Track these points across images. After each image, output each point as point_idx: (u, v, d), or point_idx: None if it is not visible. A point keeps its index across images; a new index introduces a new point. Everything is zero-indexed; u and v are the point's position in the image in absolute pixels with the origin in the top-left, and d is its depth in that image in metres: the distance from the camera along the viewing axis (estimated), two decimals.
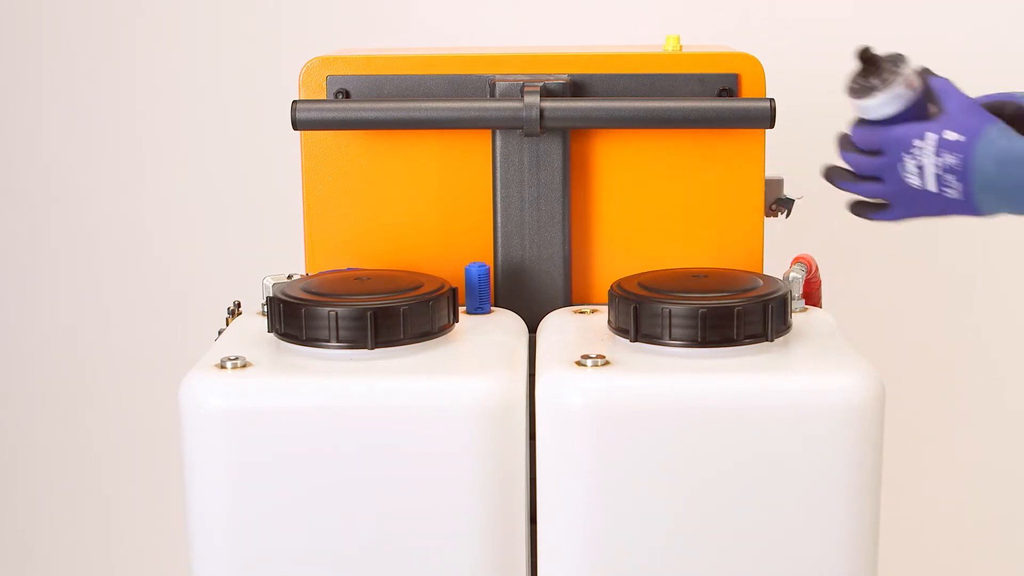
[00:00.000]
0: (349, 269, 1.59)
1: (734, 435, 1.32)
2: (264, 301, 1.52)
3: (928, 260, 2.47)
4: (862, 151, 1.40)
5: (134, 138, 2.50)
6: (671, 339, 1.38)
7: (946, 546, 2.56)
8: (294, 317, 1.40)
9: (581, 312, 1.57)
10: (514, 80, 1.58)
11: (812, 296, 1.60)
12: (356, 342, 1.38)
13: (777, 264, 1.64)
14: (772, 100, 1.55)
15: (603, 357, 1.36)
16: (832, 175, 1.44)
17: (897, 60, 1.39)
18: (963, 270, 2.47)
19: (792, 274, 1.53)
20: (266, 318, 1.46)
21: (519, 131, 1.58)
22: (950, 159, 1.33)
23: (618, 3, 2.41)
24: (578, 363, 1.36)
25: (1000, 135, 1.32)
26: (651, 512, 1.34)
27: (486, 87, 1.60)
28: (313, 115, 1.56)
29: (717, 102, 1.56)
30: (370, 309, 1.38)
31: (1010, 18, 2.32)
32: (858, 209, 1.44)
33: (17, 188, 2.54)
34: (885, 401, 1.35)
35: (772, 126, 1.56)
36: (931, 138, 1.34)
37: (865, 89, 1.40)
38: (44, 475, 2.64)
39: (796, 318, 1.51)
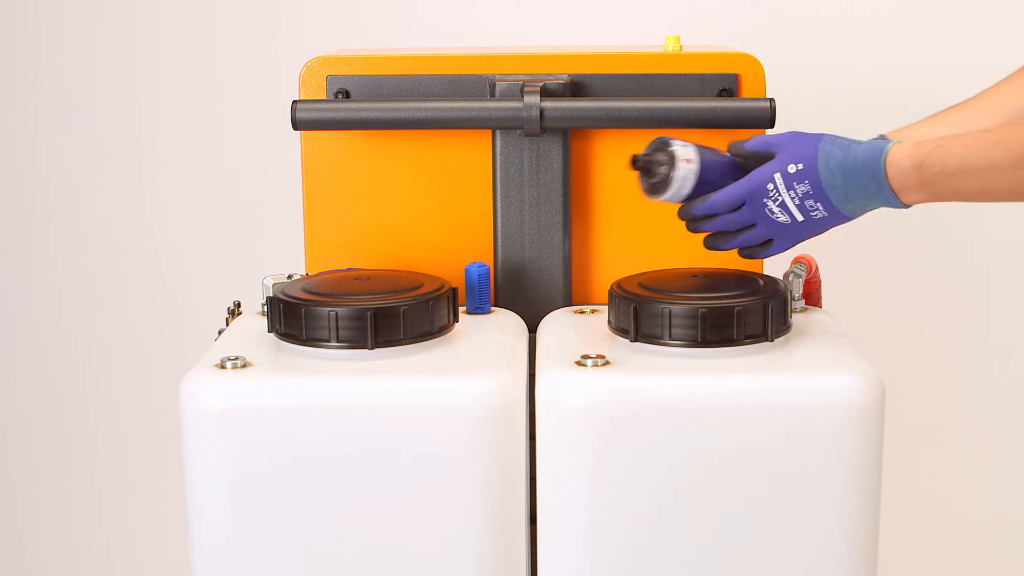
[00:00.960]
0: (349, 269, 1.59)
1: (734, 435, 1.32)
2: (264, 301, 1.52)
3: (928, 260, 2.47)
4: (724, 212, 1.47)
5: (134, 138, 2.50)
6: (671, 339, 1.38)
7: (946, 546, 2.56)
8: (294, 317, 1.40)
9: (581, 312, 1.57)
10: (514, 80, 1.58)
11: (812, 296, 1.60)
12: (356, 342, 1.38)
13: (777, 264, 1.64)
14: (772, 100, 1.55)
15: (603, 357, 1.36)
16: (712, 243, 1.51)
17: (662, 147, 1.46)
18: (963, 270, 2.47)
19: (792, 274, 1.53)
20: (266, 318, 1.46)
21: (519, 131, 1.58)
22: (802, 188, 1.43)
23: (618, 3, 2.41)
24: (578, 363, 1.35)
25: (833, 146, 1.42)
26: (651, 512, 1.34)
27: (486, 87, 1.60)
28: (313, 115, 1.56)
29: (717, 102, 1.56)
30: (370, 309, 1.38)
31: (1009, 17, 2.32)
32: (747, 252, 1.50)
33: (17, 188, 2.54)
34: (885, 401, 1.35)
35: (772, 126, 1.56)
36: (778, 177, 1.43)
37: (655, 187, 1.47)
38: (44, 475, 2.64)
39: (796, 318, 1.51)
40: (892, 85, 2.33)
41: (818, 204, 1.43)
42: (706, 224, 1.48)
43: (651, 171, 1.47)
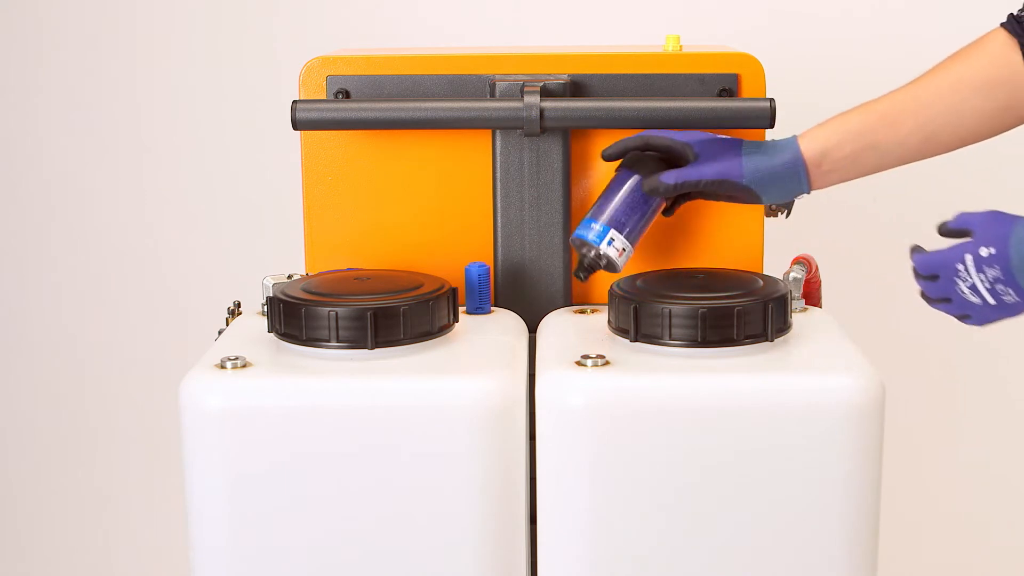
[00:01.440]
0: (349, 269, 1.59)
1: (734, 435, 1.32)
2: (264, 301, 1.52)
3: None
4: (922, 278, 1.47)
5: (134, 138, 2.50)
6: (671, 339, 1.38)
7: (946, 546, 2.56)
8: (294, 317, 1.40)
9: (581, 312, 1.57)
10: (514, 80, 1.58)
11: (812, 296, 1.60)
12: (356, 342, 1.38)
13: (777, 264, 1.64)
14: (772, 100, 1.55)
15: (603, 357, 1.36)
16: (926, 300, 1.49)
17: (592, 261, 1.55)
18: None
19: (792, 274, 1.53)
20: (266, 318, 1.46)
21: (519, 131, 1.58)
22: (992, 272, 1.39)
23: (618, 3, 2.41)
24: (578, 363, 1.35)
25: None
26: (651, 512, 1.34)
27: (486, 87, 1.60)
28: (313, 115, 1.56)
29: (717, 102, 1.56)
30: (370, 309, 1.38)
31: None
32: (960, 320, 1.49)
33: (17, 188, 2.54)
34: (885, 401, 1.35)
35: (772, 126, 1.56)
36: (969, 259, 1.39)
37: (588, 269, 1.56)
38: (44, 475, 2.64)
39: (796, 318, 1.51)
40: (892, 85, 2.33)
41: (1009, 289, 1.38)
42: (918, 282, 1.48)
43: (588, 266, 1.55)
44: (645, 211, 1.52)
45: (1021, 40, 1.48)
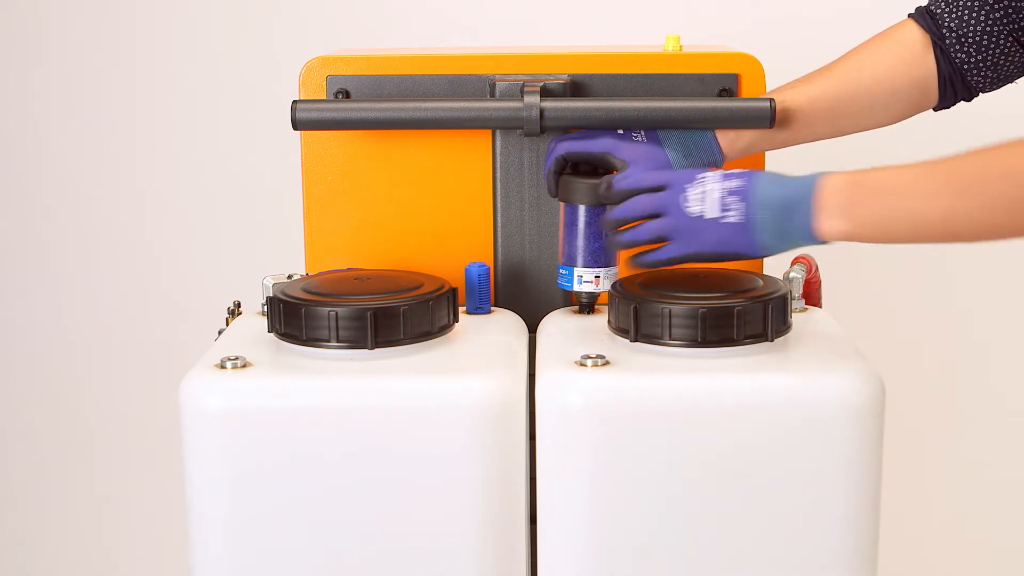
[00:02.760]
0: (349, 269, 1.59)
1: (734, 435, 1.32)
2: (264, 301, 1.52)
3: (928, 260, 2.47)
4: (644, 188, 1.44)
5: (133, 138, 2.50)
6: (671, 339, 1.38)
7: (946, 546, 2.56)
8: (294, 317, 1.40)
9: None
10: (514, 80, 1.58)
11: (812, 296, 1.60)
12: (356, 342, 1.38)
13: (777, 264, 1.64)
14: (772, 100, 1.55)
15: (603, 357, 1.36)
16: (611, 241, 1.46)
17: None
18: (963, 270, 2.47)
19: (792, 274, 1.53)
20: (266, 318, 1.46)
21: (519, 131, 1.58)
22: (733, 183, 1.38)
23: (618, 3, 2.41)
24: (578, 363, 1.35)
25: (771, 175, 1.39)
26: (651, 512, 1.34)
27: (486, 87, 1.60)
28: (313, 115, 1.56)
29: (717, 102, 1.56)
30: (370, 309, 1.38)
31: None
32: (636, 259, 1.45)
33: (17, 188, 2.54)
34: (885, 401, 1.35)
35: (772, 126, 1.55)
36: (713, 172, 1.41)
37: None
38: (44, 475, 2.64)
39: (796, 318, 1.51)
40: None
41: (741, 204, 1.37)
42: (616, 210, 1.45)
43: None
44: (596, 230, 1.52)
45: (934, 37, 1.49)
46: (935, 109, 1.57)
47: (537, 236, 1.61)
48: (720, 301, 1.38)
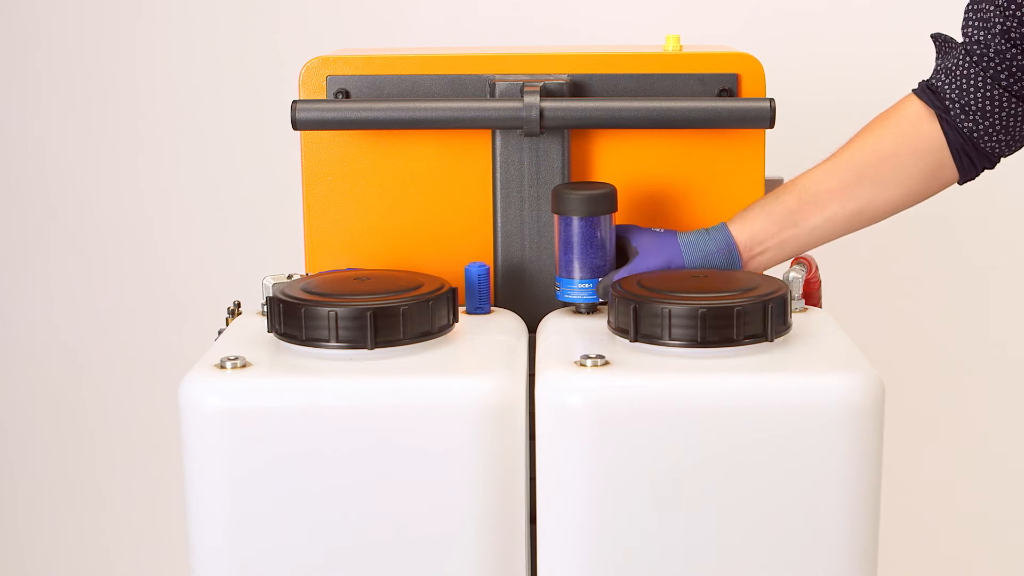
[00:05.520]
0: (349, 269, 1.59)
1: (734, 435, 1.32)
2: (264, 301, 1.52)
3: (928, 260, 2.47)
4: None
5: (134, 138, 2.50)
6: (671, 339, 1.38)
7: (946, 545, 2.56)
8: (294, 317, 1.40)
9: (581, 312, 1.57)
10: (514, 80, 1.58)
11: (812, 296, 1.60)
12: (356, 342, 1.38)
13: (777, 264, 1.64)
14: (772, 100, 1.55)
15: (603, 357, 1.36)
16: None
17: None
18: (963, 270, 2.48)
19: (792, 274, 1.53)
20: (266, 318, 1.46)
21: (519, 131, 1.58)
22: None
23: (618, 3, 2.41)
24: (578, 363, 1.35)
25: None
26: (651, 512, 1.34)
27: (486, 87, 1.60)
28: (313, 115, 1.56)
29: (717, 102, 1.56)
30: (370, 309, 1.38)
31: None
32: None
33: (17, 187, 2.54)
34: (885, 401, 1.35)
35: (772, 126, 1.56)
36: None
37: None
38: (44, 475, 2.64)
39: (796, 318, 1.51)
40: (893, 85, 2.33)
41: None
42: None
43: None
44: (592, 241, 1.53)
45: (938, 111, 1.50)
46: (960, 183, 1.55)
47: (537, 236, 1.61)
48: (720, 301, 1.38)
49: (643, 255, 1.53)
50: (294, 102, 1.56)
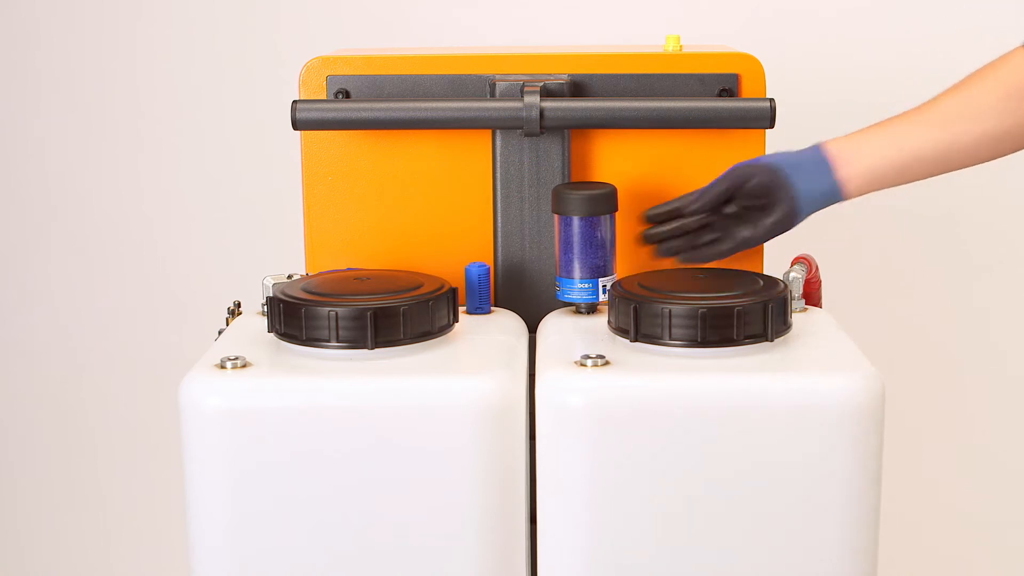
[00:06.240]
0: (349, 269, 1.59)
1: (734, 435, 1.32)
2: (264, 301, 1.52)
3: (928, 260, 2.47)
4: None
5: (134, 138, 2.50)
6: (671, 339, 1.38)
7: (946, 545, 2.56)
8: (294, 317, 1.40)
9: (581, 312, 1.57)
10: (514, 80, 1.58)
11: (812, 296, 1.60)
12: (356, 342, 1.38)
13: (777, 264, 1.64)
14: (772, 100, 1.55)
15: (603, 357, 1.36)
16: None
17: None
18: (963, 270, 2.47)
19: (792, 274, 1.53)
20: (266, 318, 1.46)
21: (519, 131, 1.58)
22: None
23: (618, 3, 2.41)
24: (578, 363, 1.35)
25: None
26: (651, 512, 1.34)
27: (486, 87, 1.60)
28: (313, 115, 1.56)
29: (717, 102, 1.56)
30: (370, 309, 1.38)
31: (1010, 17, 2.32)
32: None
33: (17, 187, 2.54)
34: (885, 401, 1.35)
35: (772, 126, 1.56)
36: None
37: None
38: (44, 475, 2.64)
39: (796, 318, 1.51)
40: (893, 85, 2.33)
41: None
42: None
43: None
44: (592, 240, 1.53)
45: None
46: None
47: (537, 236, 1.61)
48: (720, 301, 1.38)
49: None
50: (294, 102, 1.56)
